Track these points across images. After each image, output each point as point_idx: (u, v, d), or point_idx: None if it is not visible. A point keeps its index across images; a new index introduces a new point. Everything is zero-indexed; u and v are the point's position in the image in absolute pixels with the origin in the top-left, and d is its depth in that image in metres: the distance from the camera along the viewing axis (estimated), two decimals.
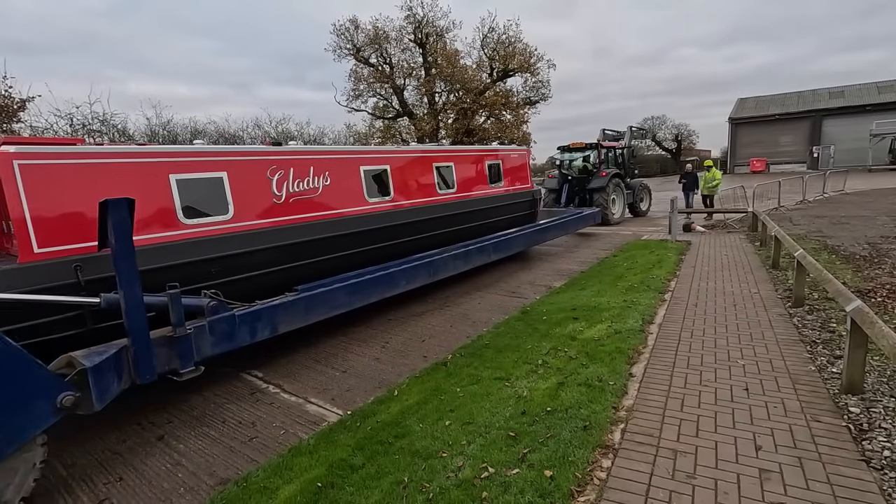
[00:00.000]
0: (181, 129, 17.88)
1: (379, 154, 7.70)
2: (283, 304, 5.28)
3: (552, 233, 11.07)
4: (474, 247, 8.45)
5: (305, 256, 6.20)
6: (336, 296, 5.86)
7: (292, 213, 6.14)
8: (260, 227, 5.80)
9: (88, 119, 14.79)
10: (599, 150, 16.85)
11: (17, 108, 11.83)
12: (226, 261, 5.43)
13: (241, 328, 4.87)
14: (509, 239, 9.38)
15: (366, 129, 25.32)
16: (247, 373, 5.63)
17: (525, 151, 11.46)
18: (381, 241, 7.29)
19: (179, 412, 4.81)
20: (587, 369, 4.62)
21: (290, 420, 4.46)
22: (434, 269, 7.49)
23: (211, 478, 3.66)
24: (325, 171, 6.56)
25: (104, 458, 4.08)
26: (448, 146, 9.89)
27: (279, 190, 6.03)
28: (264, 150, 6.14)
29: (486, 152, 10.13)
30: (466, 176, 9.30)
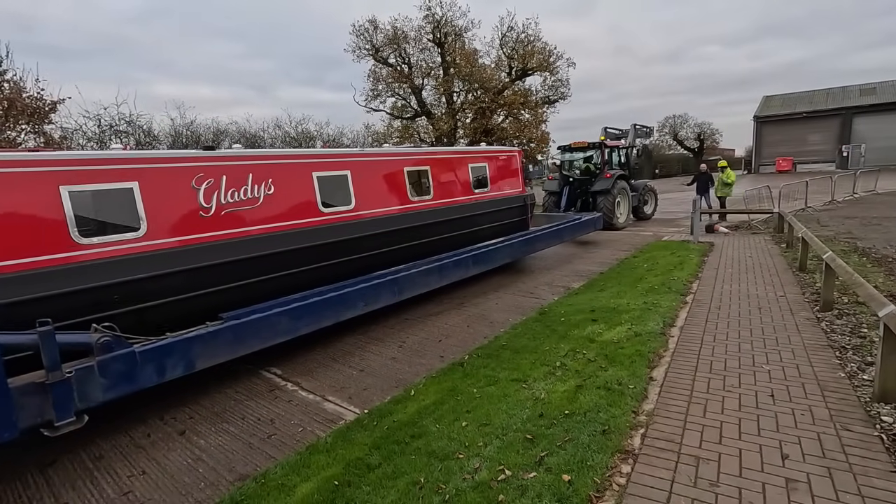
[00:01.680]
0: (204, 130, 18.25)
1: (337, 158, 6.81)
2: (201, 336, 4.51)
3: (545, 242, 10.07)
4: (450, 260, 7.59)
5: (241, 277, 5.43)
6: (274, 322, 5.08)
7: (224, 228, 5.35)
8: (180, 244, 5.01)
9: (115, 120, 15.18)
10: (603, 149, 15.73)
11: (48, 111, 12.19)
12: (133, 286, 4.63)
13: (145, 367, 4.09)
14: (492, 250, 8.45)
15: (384, 129, 25.48)
16: (266, 370, 5.70)
17: (516, 152, 10.60)
18: (339, 256, 6.48)
19: (201, 408, 4.89)
20: (606, 372, 4.55)
21: (308, 418, 4.49)
22: (400, 287, 6.63)
23: (230, 473, 3.71)
24: (267, 179, 5.77)
25: (128, 452, 4.17)
26: (424, 148, 9.13)
27: (207, 201, 5.25)
28: (188, 156, 5.36)
29: (468, 154, 9.30)
30: (445, 181, 8.47)
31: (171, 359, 4.31)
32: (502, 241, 8.92)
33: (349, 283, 6.17)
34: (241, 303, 5.28)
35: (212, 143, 15.07)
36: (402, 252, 7.39)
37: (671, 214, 18.31)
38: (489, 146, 10.42)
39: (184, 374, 4.42)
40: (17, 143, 11.69)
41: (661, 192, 27.43)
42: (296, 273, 5.98)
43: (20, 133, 11.89)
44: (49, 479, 3.86)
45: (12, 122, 11.41)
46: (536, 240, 9.73)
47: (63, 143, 13.53)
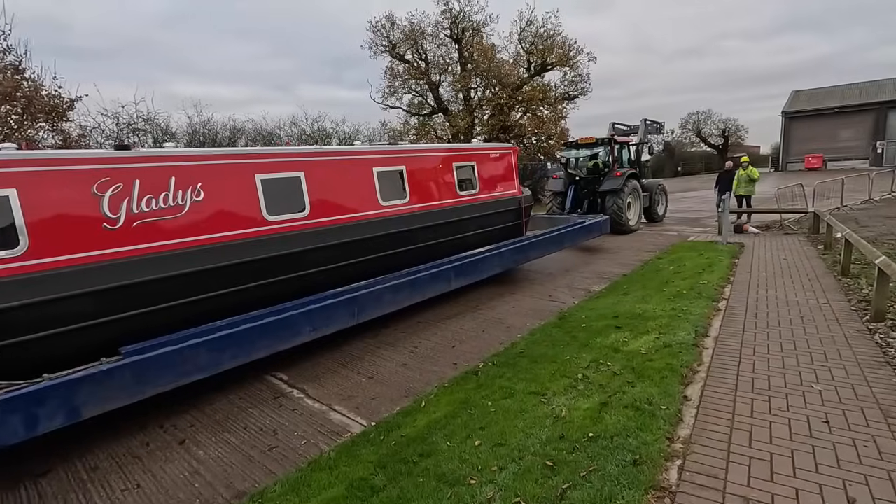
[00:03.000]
0: (221, 128, 18.28)
1: (288, 157, 5.90)
2: (89, 378, 3.71)
3: (541, 249, 8.98)
4: (425, 273, 6.64)
5: (158, 300, 4.61)
6: (188, 357, 4.24)
7: (135, 243, 4.52)
8: (74, 263, 4.18)
9: (133, 118, 15.25)
10: (612, 145, 14.26)
11: (66, 108, 12.23)
12: (5, 315, 3.81)
13: (6, 419, 3.32)
14: (477, 260, 7.44)
15: (400, 126, 25.27)
16: (272, 375, 5.47)
17: (510, 150, 9.55)
18: (286, 271, 5.62)
19: (203, 415, 4.68)
20: (634, 388, 4.18)
21: (313, 429, 4.24)
22: (360, 307, 5.69)
23: (227, 490, 3.47)
24: (195, 183, 4.95)
25: (125, 462, 3.97)
26: (400, 145, 8.10)
27: (114, 211, 4.43)
28: (91, 157, 4.53)
29: (453, 152, 8.30)
30: (423, 181, 7.54)
31: (44, 408, 3.48)
32: (490, 249, 7.95)
33: (294, 304, 5.27)
34: (160, 330, 4.51)
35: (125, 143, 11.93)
36: (369, 265, 6.51)
37: (696, 213, 17.67)
38: (485, 143, 9.72)
39: (65, 424, 3.63)
40: (36, 141, 11.75)
41: (685, 191, 26.71)
42: (228, 295, 5.10)
43: (38, 131, 11.96)
44: (42, 491, 3.68)
45: (31, 120, 11.46)
46: (531, 247, 8.66)
47: (81, 141, 13.60)
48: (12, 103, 11.02)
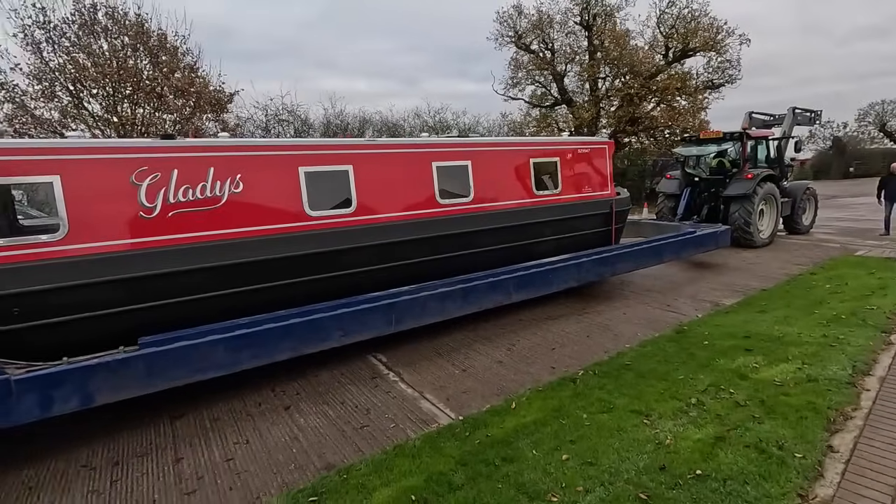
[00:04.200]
0: (351, 119, 19.67)
1: (335, 150, 5.60)
2: (103, 365, 3.73)
3: (633, 261, 7.65)
4: (480, 282, 5.88)
5: (190, 291, 4.61)
6: (205, 353, 4.14)
7: (169, 233, 4.52)
8: (108, 250, 4.26)
9: (279, 110, 17.05)
10: (745, 141, 11.69)
11: (226, 101, 14.07)
12: (40, 297, 3.97)
13: (24, 399, 3.44)
14: (546, 271, 6.48)
15: (521, 118, 24.85)
16: (373, 355, 5.70)
17: (605, 145, 8.33)
18: (326, 270, 5.35)
19: (308, 385, 5.04)
20: (760, 425, 3.55)
21: (403, 414, 4.32)
22: (399, 315, 5.22)
23: (319, 460, 3.68)
24: (235, 174, 4.83)
25: (240, 418, 4.43)
26: (467, 138, 7.22)
27: (150, 200, 4.43)
28: (130, 146, 4.59)
29: (532, 146, 7.40)
30: (493, 179, 6.78)
31: (59, 390, 3.58)
32: (565, 258, 6.91)
33: (323, 306, 4.90)
34: (187, 322, 4.43)
35: (171, 133, 11.94)
36: (421, 269, 5.99)
37: (868, 223, 14.70)
38: (573, 137, 8.48)
39: (79, 408, 3.71)
40: (202, 130, 13.70)
41: (856, 196, 22.36)
42: (268, 290, 5.02)
43: (205, 121, 13.93)
44: (175, 432, 4.26)
45: (199, 112, 13.39)
46: (620, 258, 7.40)
47: (237, 130, 15.56)
48: (186, 97, 12.96)
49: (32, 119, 12.01)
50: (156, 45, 12.85)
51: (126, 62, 12.25)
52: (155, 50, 12.82)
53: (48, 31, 11.82)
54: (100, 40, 12.32)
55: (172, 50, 13.22)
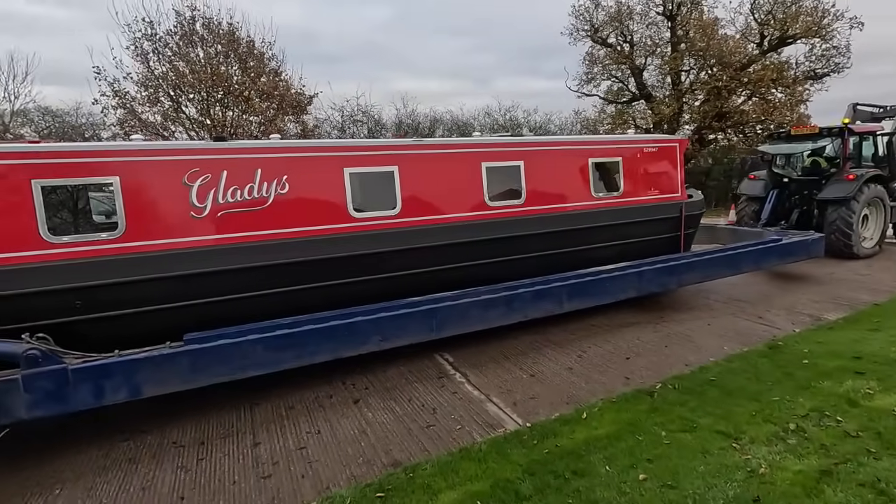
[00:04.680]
0: (422, 118, 19.99)
1: (381, 150, 5.54)
2: (150, 360, 3.87)
3: (704, 271, 6.91)
4: (527, 289, 5.53)
5: (236, 289, 4.71)
6: (247, 351, 4.19)
7: (218, 232, 4.66)
8: (161, 248, 4.43)
9: (354, 110, 17.67)
10: (846, 138, 10.17)
11: (306, 104, 14.78)
12: (100, 292, 4.20)
13: (79, 387, 3.64)
14: (602, 280, 6.03)
15: (595, 115, 23.97)
16: (439, 354, 5.71)
17: (676, 143, 7.58)
18: (370, 272, 5.28)
19: (376, 380, 5.14)
20: (877, 462, 3.11)
21: (469, 416, 4.27)
22: (440, 321, 5.05)
23: (386, 456, 3.72)
24: (281, 175, 4.89)
25: (312, 408, 4.60)
26: (519, 137, 6.87)
27: (201, 200, 4.58)
28: (183, 148, 4.86)
29: (592, 145, 6.95)
30: (547, 180, 6.40)
31: (110, 381, 3.77)
32: (624, 266, 6.34)
33: (363, 309, 4.82)
34: (232, 319, 4.48)
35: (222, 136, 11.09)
36: (466, 273, 5.78)
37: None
38: (639, 135, 7.76)
39: (128, 399, 3.88)
40: (283, 132, 14.49)
41: None
42: (309, 291, 5.02)
43: (286, 122, 14.73)
44: (253, 417, 4.50)
45: (281, 114, 14.18)
46: (687, 267, 6.73)
47: (315, 131, 16.31)
48: (270, 100, 13.76)
49: (139, 122, 13.31)
50: (244, 51, 13.77)
51: (218, 69, 13.24)
52: (244, 56, 13.75)
53: (154, 42, 13.03)
54: (197, 49, 13.41)
55: (259, 56, 14.11)
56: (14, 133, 16.33)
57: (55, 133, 17.33)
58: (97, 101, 13.42)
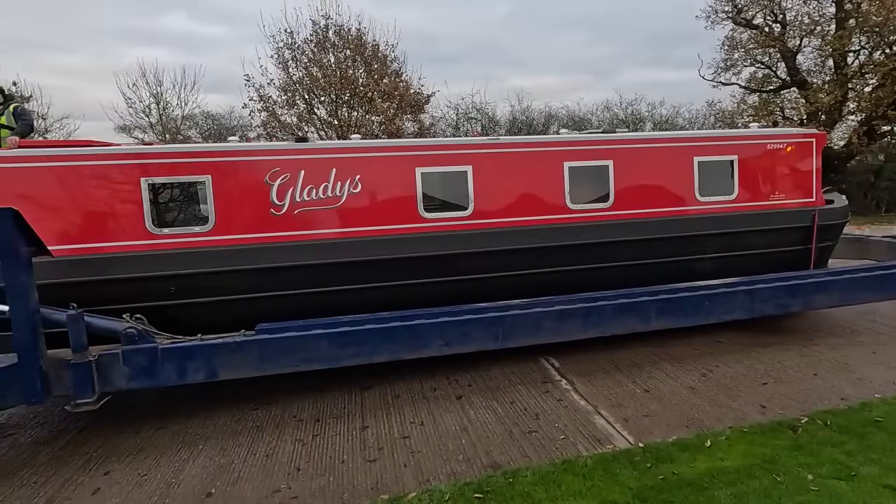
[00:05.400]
0: (537, 115, 19.57)
1: (453, 150, 5.37)
2: (225, 346, 4.16)
3: (838, 293, 5.69)
4: (609, 302, 5.02)
5: (308, 284, 4.84)
6: (311, 345, 4.34)
7: (294, 229, 4.85)
8: (245, 242, 4.72)
9: (469, 108, 17.89)
10: None
11: (424, 103, 15.28)
12: (191, 280, 4.55)
13: (166, 365, 4.03)
14: (702, 297, 5.24)
15: (733, 107, 21.43)
16: (545, 358, 5.54)
17: (809, 139, 6.37)
18: (439, 274, 5.16)
19: (480, 378, 5.13)
20: None
21: (574, 426, 4.06)
22: (507, 330, 4.77)
23: (486, 457, 3.68)
24: (354, 175, 4.95)
25: (417, 399, 4.73)
26: (610, 134, 6.20)
27: (280, 199, 4.80)
28: (266, 149, 5.14)
29: (698, 141, 6.10)
30: (641, 181, 5.73)
31: (192, 362, 4.11)
32: (732, 282, 5.47)
33: (425, 312, 4.71)
34: (308, 312, 4.63)
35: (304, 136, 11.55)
36: (542, 280, 5.40)
37: None
38: (762, 130, 6.50)
39: (205, 380, 4.20)
40: (402, 130, 15.15)
41: None
42: (379, 290, 5.03)
43: (404, 121, 15.38)
44: (364, 402, 4.75)
45: (401, 114, 14.83)
46: (818, 288, 5.60)
47: (431, 129, 16.82)
48: (391, 100, 14.47)
49: (278, 123, 14.85)
50: (370, 54, 14.64)
51: (346, 72, 14.24)
52: (369, 59, 14.62)
53: (293, 50, 14.43)
54: (328, 55, 14.56)
55: (382, 58, 14.90)
56: (183, 134, 19.22)
57: (213, 134, 20.08)
58: (246, 105, 15.28)
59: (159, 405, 4.78)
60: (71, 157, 4.49)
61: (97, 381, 3.87)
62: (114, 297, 4.30)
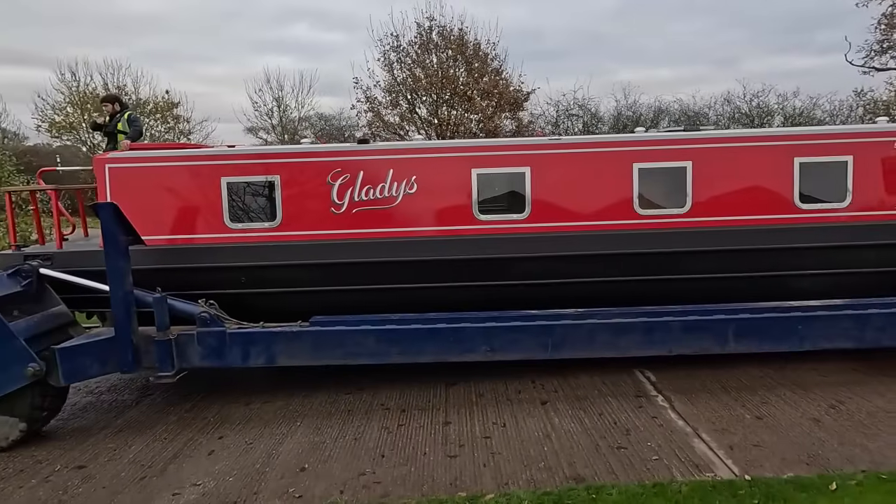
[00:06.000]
0: (645, 109, 18.31)
1: (510, 150, 5.22)
2: (283, 335, 4.47)
3: None
4: (677, 318, 4.58)
5: (361, 281, 4.93)
6: (357, 339, 4.51)
7: (352, 227, 4.93)
8: (304, 238, 4.89)
9: (570, 105, 17.30)
10: None
11: (523, 100, 15.09)
12: (259, 272, 4.88)
13: (232, 348, 4.41)
14: (795, 318, 4.58)
15: (890, 96, 18.25)
16: (640, 370, 5.21)
17: None
18: (492, 277, 4.98)
19: (566, 385, 4.97)
20: None
21: (668, 447, 3.77)
22: (557, 340, 4.55)
23: (569, 468, 3.55)
24: (410, 176, 4.89)
25: (501, 401, 4.72)
26: (689, 132, 5.52)
27: (340, 198, 4.90)
28: (328, 151, 5.30)
29: (799, 139, 5.20)
30: (725, 186, 5.01)
31: (254, 347, 4.46)
32: (836, 304, 4.74)
33: (472, 315, 4.67)
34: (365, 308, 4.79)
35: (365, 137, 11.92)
36: (601, 290, 5.02)
37: None
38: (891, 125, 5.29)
39: (266, 365, 4.56)
40: (499, 129, 15.10)
41: None
42: (434, 290, 4.96)
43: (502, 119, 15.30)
44: (448, 397, 4.84)
45: (499, 112, 14.77)
46: None
47: (529, 127, 16.54)
48: (490, 98, 14.47)
49: (382, 123, 15.58)
50: (471, 53, 14.77)
51: (448, 71, 14.51)
52: (470, 58, 14.75)
53: (399, 52, 15.03)
54: (431, 56, 14.95)
55: (483, 57, 14.95)
56: (300, 134, 20.96)
57: (325, 134, 21.63)
58: (354, 107, 16.24)
59: (267, 382, 5.27)
60: (163, 159, 5.13)
61: (176, 358, 4.34)
62: (193, 283, 4.72)
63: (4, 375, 3.95)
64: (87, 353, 4.27)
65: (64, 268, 4.61)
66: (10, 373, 3.95)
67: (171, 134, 18.17)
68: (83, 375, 4.43)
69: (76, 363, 4.21)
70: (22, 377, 3.94)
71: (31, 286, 4.43)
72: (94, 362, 4.28)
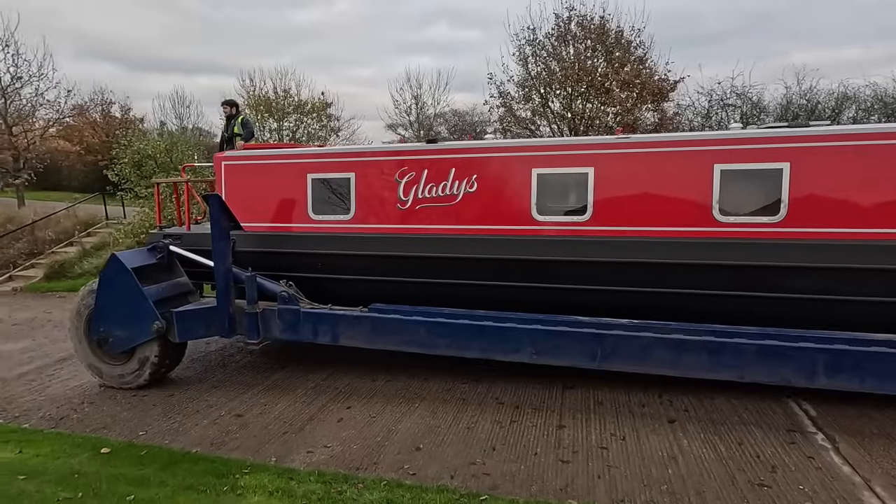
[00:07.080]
0: (824, 97, 15.43)
1: (573, 150, 5.01)
2: (346, 317, 4.96)
3: None
4: (752, 341, 4.12)
5: (420, 274, 5.11)
6: (410, 329, 4.83)
7: (415, 223, 5.13)
8: (373, 231, 5.23)
9: (726, 93, 15.36)
10: None
11: (669, 90, 13.81)
12: (333, 259, 5.28)
13: (305, 325, 4.99)
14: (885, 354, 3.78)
15: None
16: (795, 400, 4.51)
17: None
18: (547, 280, 4.85)
19: (700, 406, 4.52)
20: None
21: (828, 495, 3.21)
22: (607, 350, 4.37)
23: (696, 497, 3.24)
24: (471, 174, 4.95)
25: (621, 412, 4.46)
26: (791, 129, 4.53)
27: (406, 195, 5.12)
28: (396, 150, 5.70)
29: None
30: (829, 192, 4.23)
31: (322, 326, 5.00)
32: None
33: (519, 316, 4.72)
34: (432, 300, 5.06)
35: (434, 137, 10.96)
36: (668, 302, 4.64)
37: None
38: None
39: (332, 343, 5.04)
40: (638, 122, 14.04)
41: None
42: (494, 288, 5.01)
43: (643, 111, 14.18)
44: (564, 400, 4.72)
45: (640, 103, 13.72)
46: None
47: (674, 119, 15.11)
48: (631, 89, 13.50)
49: (513, 118, 15.48)
50: (612, 42, 13.92)
51: (585, 63, 13.87)
52: (610, 48, 13.91)
53: (534, 46, 14.76)
54: (568, 47, 14.42)
55: (626, 45, 13.99)
56: (434, 130, 21.85)
57: (458, 129, 22.22)
58: (486, 102, 16.38)
59: (392, 361, 5.64)
60: (261, 157, 5.85)
61: (261, 328, 5.07)
62: (278, 266, 5.38)
63: (137, 328, 4.94)
64: (196, 317, 5.11)
65: (189, 246, 5.53)
66: (141, 327, 4.90)
67: (324, 131, 20.19)
68: (193, 335, 5.26)
69: (188, 325, 5.05)
70: (149, 331, 4.87)
71: (164, 259, 5.37)
72: (200, 325, 5.13)
